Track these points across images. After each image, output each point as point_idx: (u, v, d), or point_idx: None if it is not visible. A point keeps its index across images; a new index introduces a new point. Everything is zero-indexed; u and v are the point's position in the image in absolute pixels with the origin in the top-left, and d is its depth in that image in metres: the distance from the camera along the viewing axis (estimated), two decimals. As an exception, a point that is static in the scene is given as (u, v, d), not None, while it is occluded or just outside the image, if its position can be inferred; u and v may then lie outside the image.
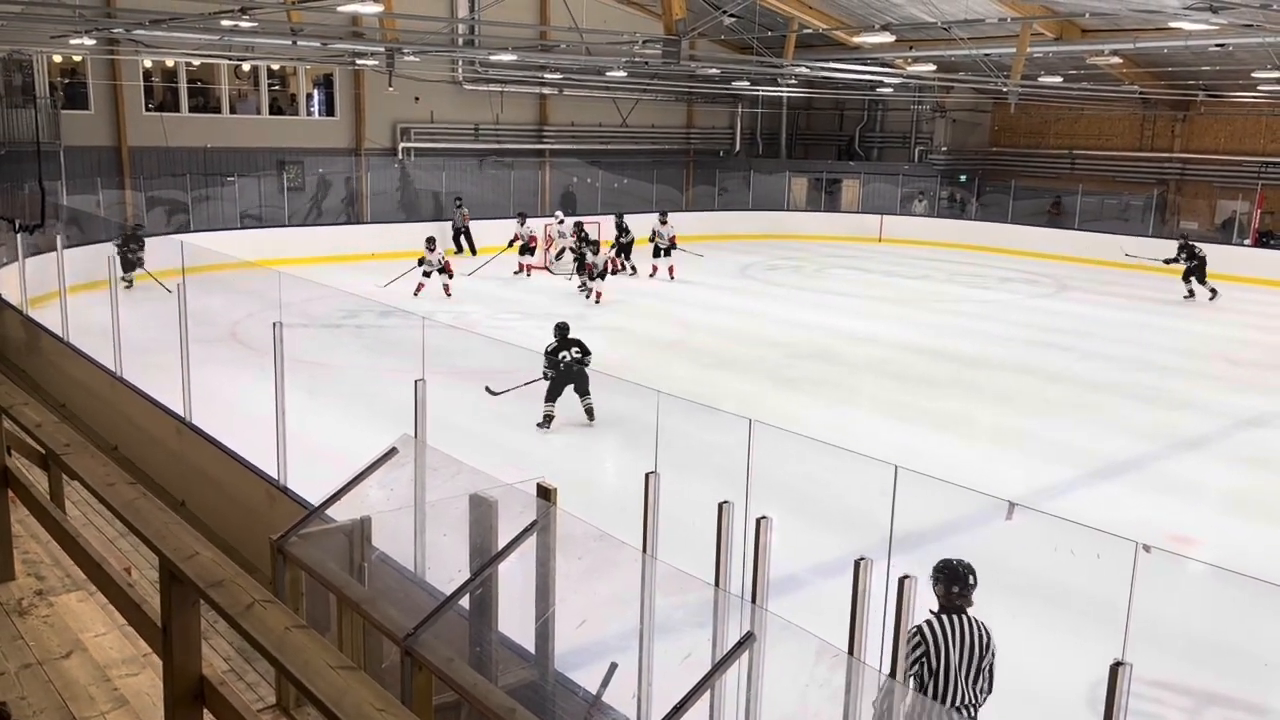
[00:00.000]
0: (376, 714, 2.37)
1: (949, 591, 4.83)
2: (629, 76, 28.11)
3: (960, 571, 4.83)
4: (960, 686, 4.73)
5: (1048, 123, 31.97)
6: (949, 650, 4.71)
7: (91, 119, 23.36)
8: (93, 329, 11.45)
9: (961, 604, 4.82)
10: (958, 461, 10.58)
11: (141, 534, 3.26)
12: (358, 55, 23.53)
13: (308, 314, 16.60)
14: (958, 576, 4.82)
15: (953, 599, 4.82)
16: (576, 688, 4.70)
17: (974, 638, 4.76)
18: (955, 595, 4.82)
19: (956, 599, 4.82)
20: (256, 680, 5.45)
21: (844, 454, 5.58)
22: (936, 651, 4.72)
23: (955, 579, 4.82)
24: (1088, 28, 24.07)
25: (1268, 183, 27.55)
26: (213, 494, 8.35)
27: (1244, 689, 6.74)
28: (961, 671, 4.72)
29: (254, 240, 22.50)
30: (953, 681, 4.72)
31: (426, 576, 5.49)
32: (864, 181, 33.45)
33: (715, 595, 4.46)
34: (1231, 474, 11.06)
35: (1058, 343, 17.06)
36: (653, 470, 4.97)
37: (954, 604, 4.82)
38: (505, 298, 20.39)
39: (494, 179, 29.12)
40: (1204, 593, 7.48)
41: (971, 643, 4.75)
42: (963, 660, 4.73)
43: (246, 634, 2.72)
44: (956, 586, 4.82)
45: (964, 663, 4.73)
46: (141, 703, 4.30)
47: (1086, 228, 28.63)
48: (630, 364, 14.35)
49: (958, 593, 4.82)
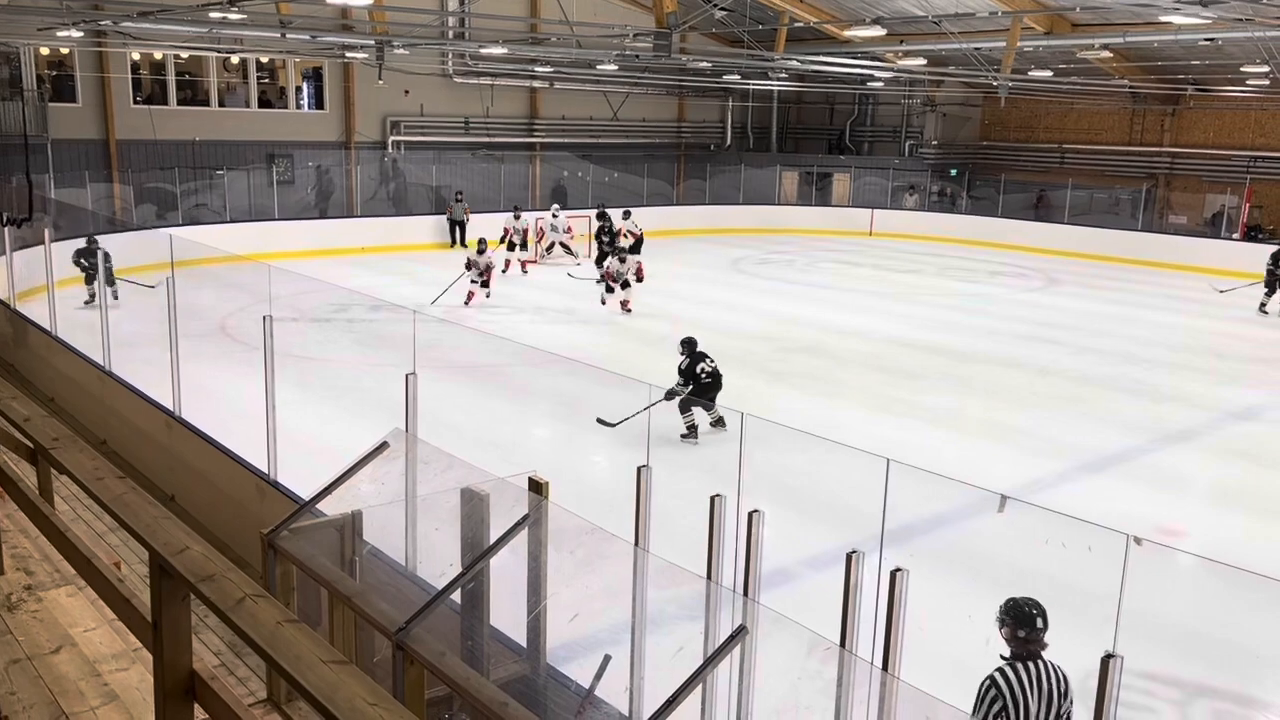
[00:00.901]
0: (369, 708, 2.36)
1: (1015, 636, 4.40)
2: (620, 70, 28.03)
3: (1028, 613, 4.38)
4: None
5: (1038, 117, 32.03)
6: (1027, 702, 4.27)
7: (79, 112, 23.23)
8: (81, 323, 11.41)
9: (1035, 649, 4.38)
10: (948, 455, 10.61)
11: (131, 528, 3.25)
12: (347, 48, 23.45)
13: (298, 308, 16.55)
14: (1025, 618, 4.37)
15: (1023, 644, 4.38)
16: (569, 681, 4.71)
17: (1051, 686, 4.33)
18: (1025, 640, 4.38)
19: (1028, 644, 4.37)
20: (248, 675, 5.44)
21: (835, 447, 5.58)
22: (1014, 704, 4.27)
23: (1022, 621, 4.37)
24: (1078, 22, 24.11)
25: (1256, 177, 27.67)
26: (203, 488, 8.32)
27: (1234, 680, 6.77)
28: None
29: (243, 234, 22.40)
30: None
31: (418, 571, 5.48)
32: (855, 175, 33.48)
33: (707, 588, 4.47)
34: (1220, 467, 11.12)
35: (1047, 336, 17.11)
36: (644, 464, 4.97)
37: (1026, 649, 4.38)
38: (496, 291, 20.33)
39: (484, 172, 29.06)
40: (1194, 585, 7.52)
41: (1050, 691, 4.32)
42: (1040, 711, 4.29)
43: (238, 629, 2.71)
44: (1023, 630, 4.37)
45: (1042, 714, 4.30)
46: (132, 698, 4.28)
47: (1076, 222, 28.73)
48: (620, 357, 14.34)
49: (1025, 637, 4.37)
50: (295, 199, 26.29)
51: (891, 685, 3.86)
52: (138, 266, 13.93)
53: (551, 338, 15.70)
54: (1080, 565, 4.68)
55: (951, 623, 6.06)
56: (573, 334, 16.45)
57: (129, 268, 13.95)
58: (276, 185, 25.71)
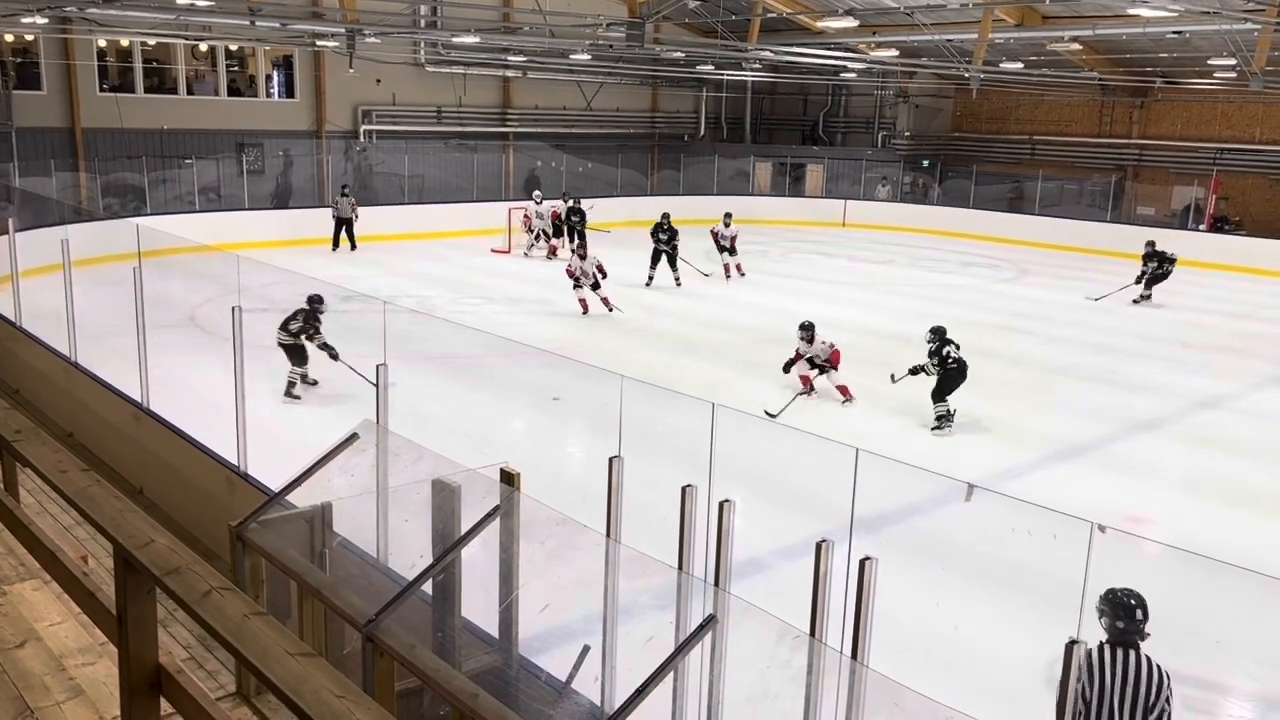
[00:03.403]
0: (336, 700, 2.35)
1: (1114, 626, 4.45)
2: (593, 60, 28.00)
3: (1128, 604, 4.43)
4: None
5: (1009, 109, 32.25)
6: (1108, 684, 4.33)
7: (44, 99, 22.89)
8: (46, 313, 11.24)
9: (1132, 639, 4.42)
10: (918, 444, 10.69)
11: (95, 521, 3.21)
12: (318, 36, 23.24)
13: (268, 298, 16.37)
14: (1124, 609, 4.43)
15: (1119, 634, 4.43)
16: (540, 672, 4.71)
17: (1140, 677, 4.33)
18: (1122, 631, 4.42)
19: (1124, 634, 4.42)
20: (217, 668, 5.40)
21: (806, 437, 5.60)
22: (1091, 681, 4.34)
23: (1121, 612, 4.43)
24: (1048, 14, 24.28)
25: (1223, 169, 28.01)
26: (171, 481, 8.24)
27: (1198, 667, 6.87)
28: (1124, 711, 4.32)
29: (212, 223, 22.17)
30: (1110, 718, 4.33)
31: (388, 562, 5.46)
32: (828, 166, 33.59)
33: (678, 578, 4.47)
34: (1186, 455, 11.27)
35: (1018, 327, 17.26)
36: (616, 454, 4.97)
37: (1123, 639, 4.43)
38: (468, 281, 20.26)
39: (457, 162, 28.90)
40: (1158, 572, 7.61)
41: (1136, 682, 4.32)
42: (1124, 699, 4.32)
43: (204, 622, 2.69)
44: (1122, 621, 4.43)
45: (1126, 702, 4.32)
46: (98, 692, 4.25)
47: (1047, 213, 28.96)
48: (594, 348, 14.33)
49: (1123, 628, 4.42)
50: (265, 189, 26.06)
51: (860, 673, 3.89)
52: (103, 257, 13.74)
53: (526, 329, 15.67)
54: (1046, 553, 4.73)
55: (921, 610, 6.11)
56: (547, 325, 16.42)
57: (94, 258, 13.75)
58: (246, 175, 25.46)
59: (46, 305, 11.30)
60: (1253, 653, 6.93)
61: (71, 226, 17.26)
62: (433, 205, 26.82)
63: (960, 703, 3.71)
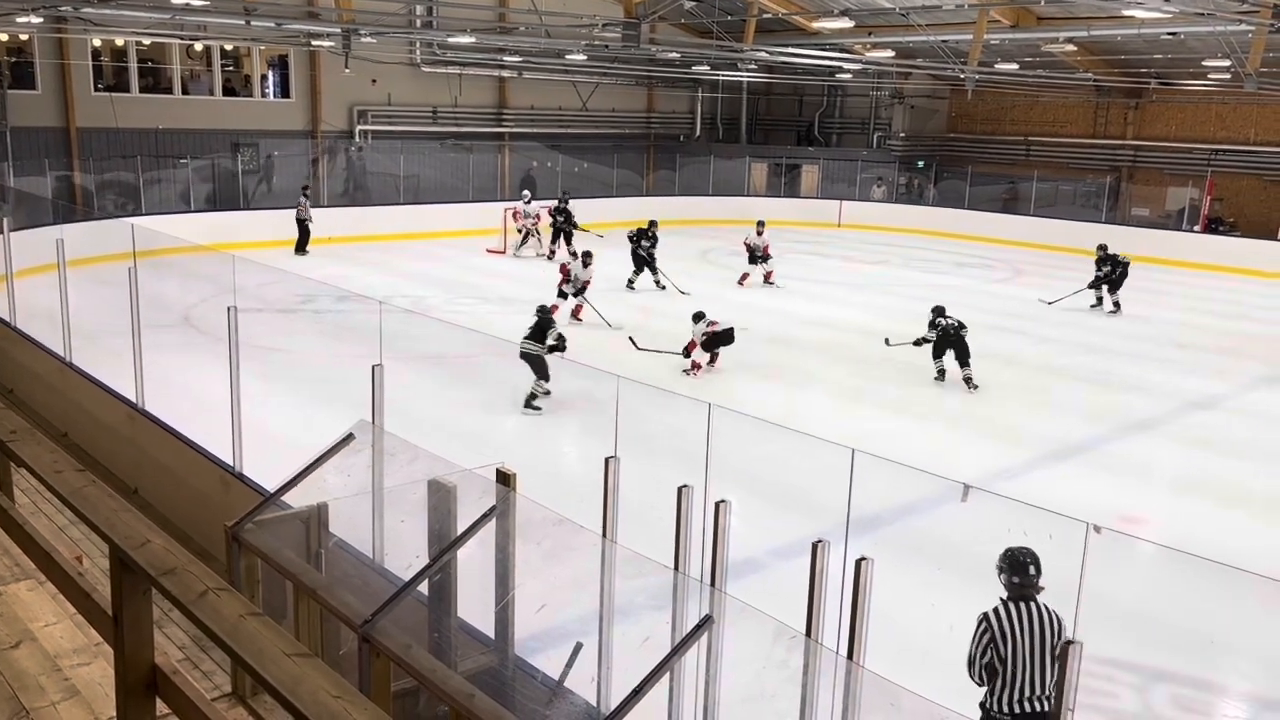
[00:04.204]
0: (332, 700, 2.35)
1: (1011, 581, 4.79)
2: (589, 60, 27.99)
3: (1022, 561, 4.78)
4: (1028, 676, 4.68)
5: (1004, 109, 32.30)
6: (1016, 639, 4.67)
7: (39, 99, 22.84)
8: (41, 313, 11.22)
9: (1028, 592, 4.76)
10: (914, 445, 10.70)
11: (90, 522, 3.21)
12: (313, 36, 23.21)
13: (263, 298, 16.39)
14: (1018, 564, 4.78)
15: (1017, 588, 4.78)
16: (535, 672, 4.71)
17: (1044, 625, 4.69)
18: (1019, 585, 4.77)
19: (1021, 588, 4.76)
20: (213, 669, 5.39)
21: (802, 437, 5.61)
22: (1003, 637, 4.68)
23: (1016, 568, 4.78)
24: (1043, 15, 24.33)
25: (1217, 170, 28.07)
26: (166, 481, 8.23)
27: (1192, 666, 6.89)
28: (1033, 662, 4.67)
29: (207, 223, 22.13)
30: (1020, 671, 4.67)
31: (385, 563, 5.45)
32: (823, 167, 33.60)
33: (674, 578, 4.48)
34: (1181, 455, 11.30)
35: (1012, 327, 17.28)
36: (612, 454, 4.97)
37: (1021, 593, 4.77)
38: (464, 281, 20.25)
39: (453, 162, 28.88)
40: (1153, 572, 7.64)
41: (1041, 630, 4.68)
42: (1034, 649, 4.67)
43: (199, 622, 2.69)
44: (1018, 576, 4.77)
45: (1034, 650, 4.67)
46: (94, 693, 4.24)
47: (1041, 214, 28.99)
48: (590, 348, 14.32)
49: (1019, 583, 4.76)
50: (260, 189, 26.03)
51: (856, 674, 3.90)
52: (98, 256, 13.72)
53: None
54: (1042, 553, 4.75)
55: (916, 610, 6.12)
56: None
57: (88, 258, 13.73)
58: (241, 174, 25.42)
59: (41, 305, 11.28)
60: (1246, 653, 6.95)
61: (66, 226, 17.24)
62: (428, 205, 26.80)
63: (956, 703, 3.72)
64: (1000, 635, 4.68)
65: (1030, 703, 4.66)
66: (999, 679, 4.69)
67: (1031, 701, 4.66)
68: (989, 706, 4.74)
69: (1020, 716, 4.67)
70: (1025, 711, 4.66)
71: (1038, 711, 4.66)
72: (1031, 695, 4.66)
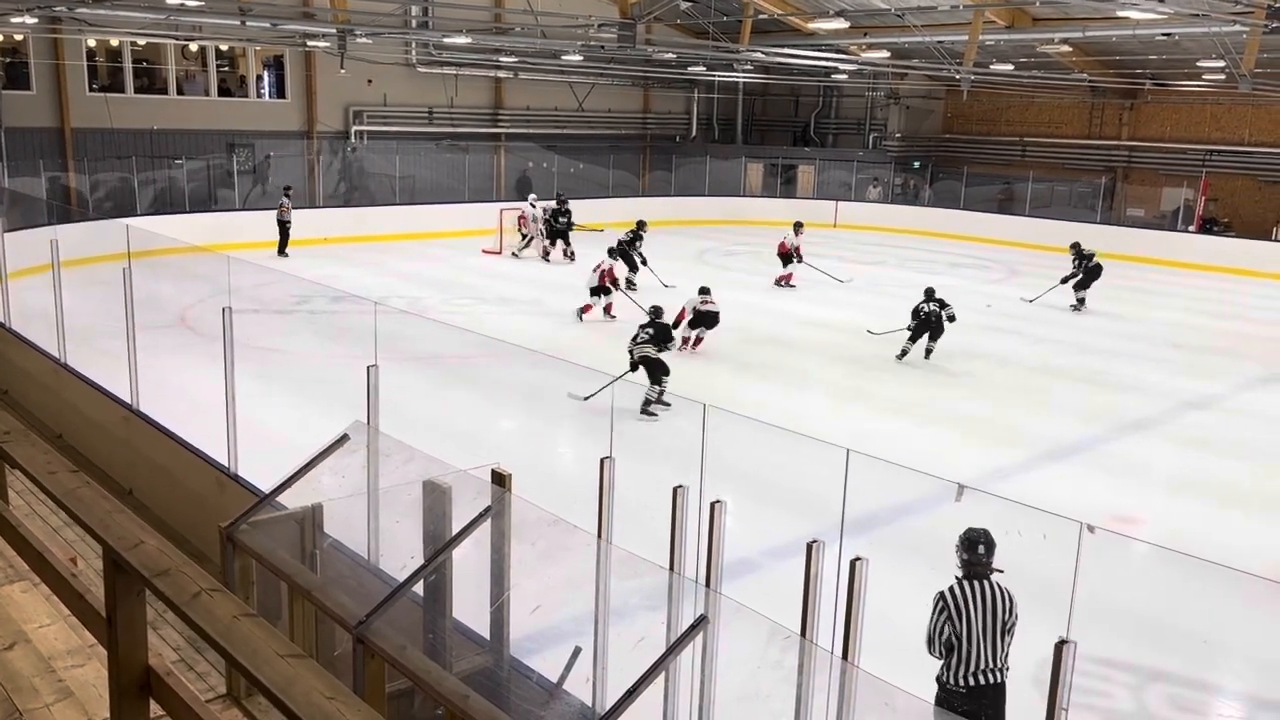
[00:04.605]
0: (326, 702, 2.35)
1: (963, 558, 5.08)
2: (585, 61, 27.98)
3: (972, 539, 5.07)
4: (982, 649, 4.93)
5: (999, 110, 32.34)
6: (969, 615, 4.93)
7: (33, 99, 22.79)
8: (35, 314, 11.20)
9: (980, 570, 5.02)
10: (910, 445, 10.71)
11: (84, 523, 3.20)
12: (308, 36, 23.18)
13: (259, 299, 16.37)
14: (969, 543, 5.07)
15: (968, 566, 5.05)
16: (531, 673, 4.70)
17: (994, 602, 4.95)
18: (969, 562, 5.05)
19: (973, 565, 5.03)
20: (207, 670, 5.39)
21: (797, 438, 5.61)
22: (957, 613, 4.94)
23: (967, 546, 5.07)
24: (1038, 16, 24.36)
25: (1212, 170, 28.11)
26: (161, 482, 8.22)
27: (1186, 665, 6.91)
28: (985, 635, 4.93)
29: (203, 224, 22.10)
30: (972, 646, 4.92)
31: (379, 563, 5.45)
32: (819, 167, 33.62)
33: (670, 579, 4.48)
34: (1175, 455, 11.31)
35: (1008, 327, 17.30)
36: (608, 455, 4.97)
37: (973, 570, 5.04)
38: (460, 282, 20.25)
39: (449, 163, 28.87)
40: (1147, 572, 7.65)
41: (993, 606, 4.95)
42: (986, 625, 4.93)
43: (193, 623, 2.69)
44: (968, 554, 5.06)
45: (986, 627, 4.93)
46: (87, 694, 4.23)
47: (1036, 214, 29.03)
48: (585, 349, 14.33)
49: (968, 559, 5.05)
50: (255, 189, 25.99)
51: (851, 673, 3.90)
52: (93, 257, 13.70)
53: (516, 329, 15.66)
54: (1036, 553, 4.75)
55: (912, 610, 6.12)
56: (537, 325, 16.41)
57: (83, 259, 13.70)
58: (237, 175, 25.38)
59: (36, 306, 11.26)
60: (1240, 652, 6.97)
61: (61, 227, 17.21)
62: (424, 206, 26.78)
63: (950, 702, 3.72)
64: (955, 611, 4.95)
65: (982, 675, 4.93)
66: (954, 654, 4.94)
67: (984, 674, 4.93)
68: (944, 680, 4.98)
69: (973, 689, 4.91)
70: (978, 684, 4.92)
71: (990, 684, 4.94)
72: (983, 668, 4.93)
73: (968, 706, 4.90)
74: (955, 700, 4.93)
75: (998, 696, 4.99)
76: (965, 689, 4.93)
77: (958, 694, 4.94)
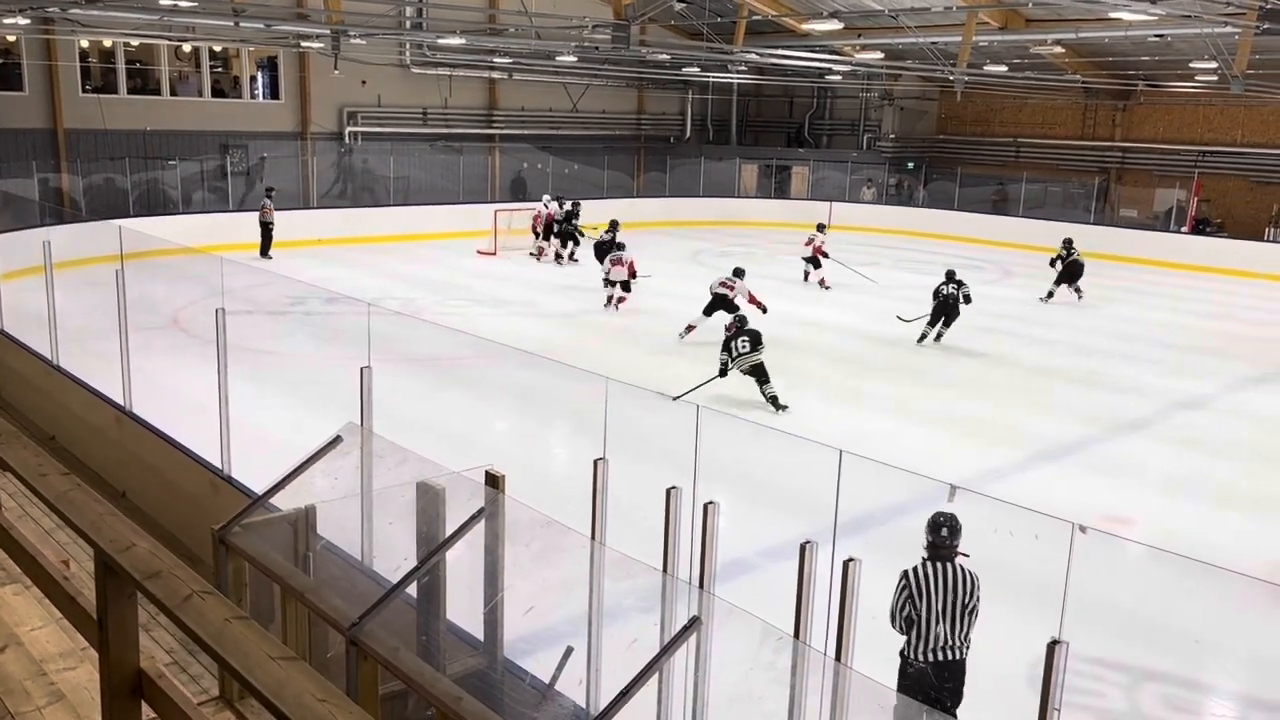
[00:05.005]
0: (318, 704, 2.34)
1: (927, 541, 5.30)
2: (579, 61, 27.98)
3: (936, 521, 5.29)
4: (942, 627, 5.14)
5: (993, 111, 32.40)
6: (929, 594, 5.15)
7: (26, 100, 22.73)
8: (28, 316, 11.17)
9: (944, 553, 5.23)
10: (903, 446, 10.72)
11: (76, 525, 3.19)
12: (302, 37, 23.15)
13: (252, 300, 16.36)
14: (932, 526, 5.30)
15: (932, 548, 5.27)
16: (524, 674, 4.70)
17: (954, 584, 5.16)
18: (932, 544, 5.27)
19: (937, 548, 5.25)
20: (200, 672, 5.37)
21: (791, 438, 5.62)
22: (919, 592, 5.16)
23: (930, 528, 5.30)
24: (1031, 17, 24.41)
25: (1204, 171, 28.19)
26: (154, 484, 8.20)
27: (1178, 665, 6.92)
28: (944, 615, 5.14)
29: (196, 225, 22.06)
30: (931, 623, 5.14)
31: (373, 565, 5.44)
32: (813, 168, 33.65)
33: (663, 580, 4.48)
34: (1168, 456, 11.34)
35: (1001, 328, 17.33)
36: (601, 456, 4.97)
37: (937, 553, 5.25)
38: (454, 283, 20.24)
39: (443, 164, 28.85)
40: (1140, 572, 7.67)
41: (955, 587, 5.15)
42: (945, 605, 5.14)
43: (185, 626, 2.68)
44: (932, 535, 5.28)
45: (945, 607, 5.14)
46: (80, 697, 4.22)
47: (1030, 215, 29.09)
48: (579, 349, 14.32)
49: (932, 541, 5.27)
50: (249, 191, 25.93)
51: (844, 674, 3.91)
52: (85, 258, 13.66)
53: (510, 330, 15.65)
54: (1029, 553, 4.77)
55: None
56: (532, 327, 16.41)
57: (76, 260, 13.66)
58: (230, 176, 25.33)
59: (28, 307, 11.23)
60: (1233, 652, 6.99)
61: (53, 228, 17.16)
62: (418, 207, 26.76)
63: (943, 703, 3.72)
64: (916, 590, 5.17)
65: (942, 652, 5.15)
66: (914, 630, 5.15)
67: (944, 651, 5.15)
68: (907, 655, 5.19)
69: (933, 664, 5.14)
70: (937, 660, 5.14)
71: (950, 660, 5.16)
72: (943, 645, 5.15)
73: (928, 680, 5.14)
74: (917, 675, 5.15)
75: (958, 672, 5.19)
76: (926, 664, 5.15)
77: (919, 669, 5.16)
